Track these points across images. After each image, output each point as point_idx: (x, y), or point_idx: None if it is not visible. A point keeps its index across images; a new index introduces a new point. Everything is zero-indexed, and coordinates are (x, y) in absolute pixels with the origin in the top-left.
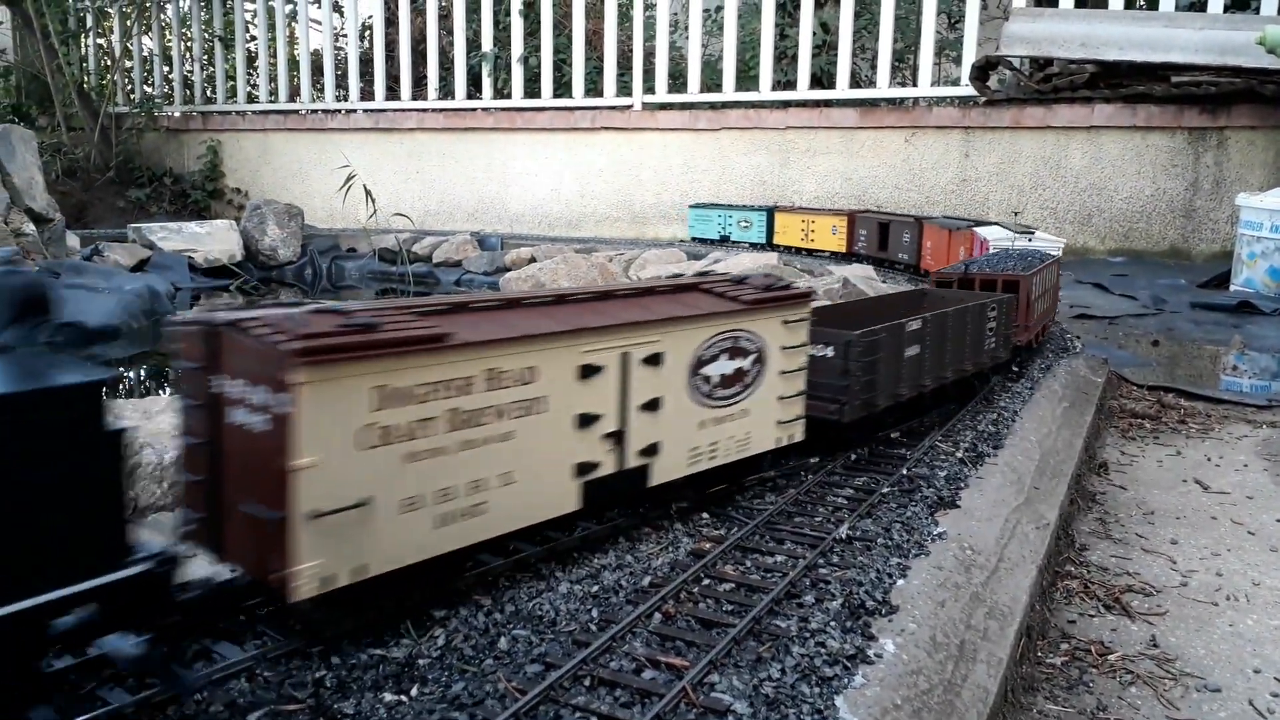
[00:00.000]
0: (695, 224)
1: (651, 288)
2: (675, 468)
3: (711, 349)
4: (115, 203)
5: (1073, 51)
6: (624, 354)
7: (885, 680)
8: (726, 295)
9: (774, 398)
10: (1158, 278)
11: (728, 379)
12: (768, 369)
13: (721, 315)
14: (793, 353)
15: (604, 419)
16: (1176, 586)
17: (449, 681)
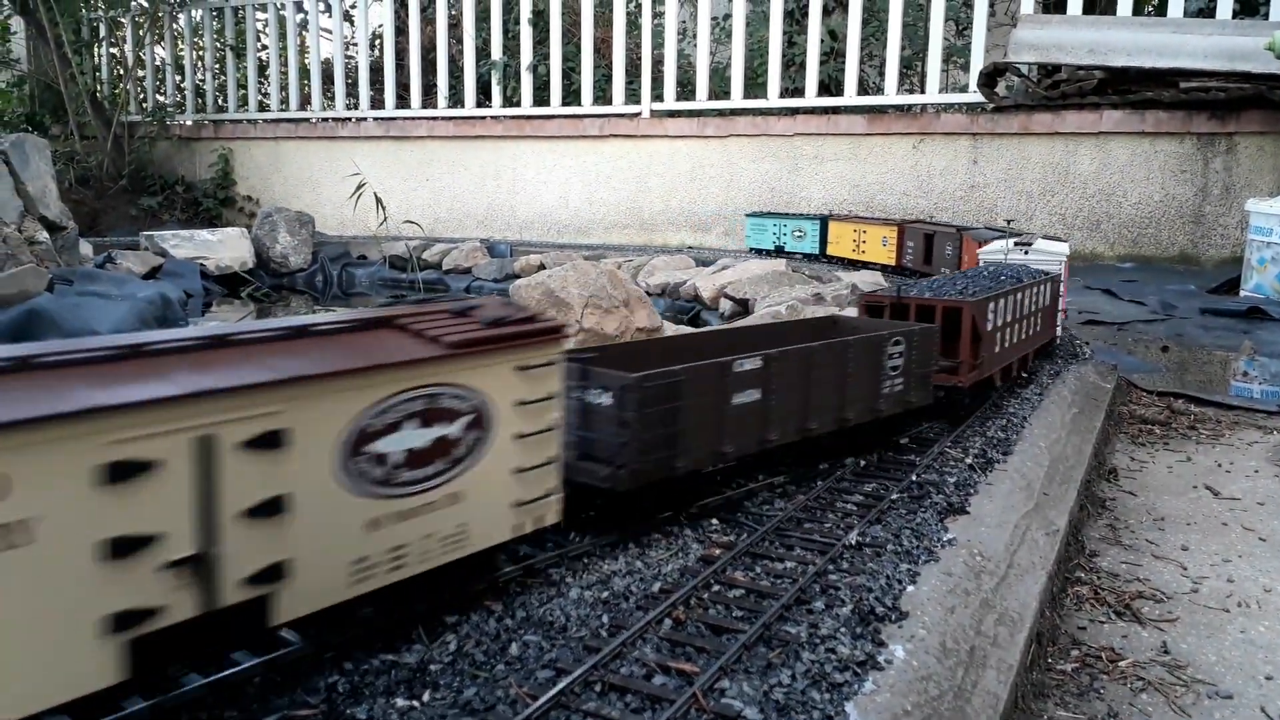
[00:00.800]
0: (752, 234)
1: (306, 328)
2: (322, 593)
3: (386, 415)
4: (128, 211)
5: (1081, 58)
6: (201, 439)
7: (895, 686)
8: (426, 335)
9: (507, 471)
10: (1167, 283)
11: (420, 455)
12: (493, 433)
13: (404, 366)
14: (536, 408)
15: (165, 540)
16: (1187, 593)
17: (461, 687)
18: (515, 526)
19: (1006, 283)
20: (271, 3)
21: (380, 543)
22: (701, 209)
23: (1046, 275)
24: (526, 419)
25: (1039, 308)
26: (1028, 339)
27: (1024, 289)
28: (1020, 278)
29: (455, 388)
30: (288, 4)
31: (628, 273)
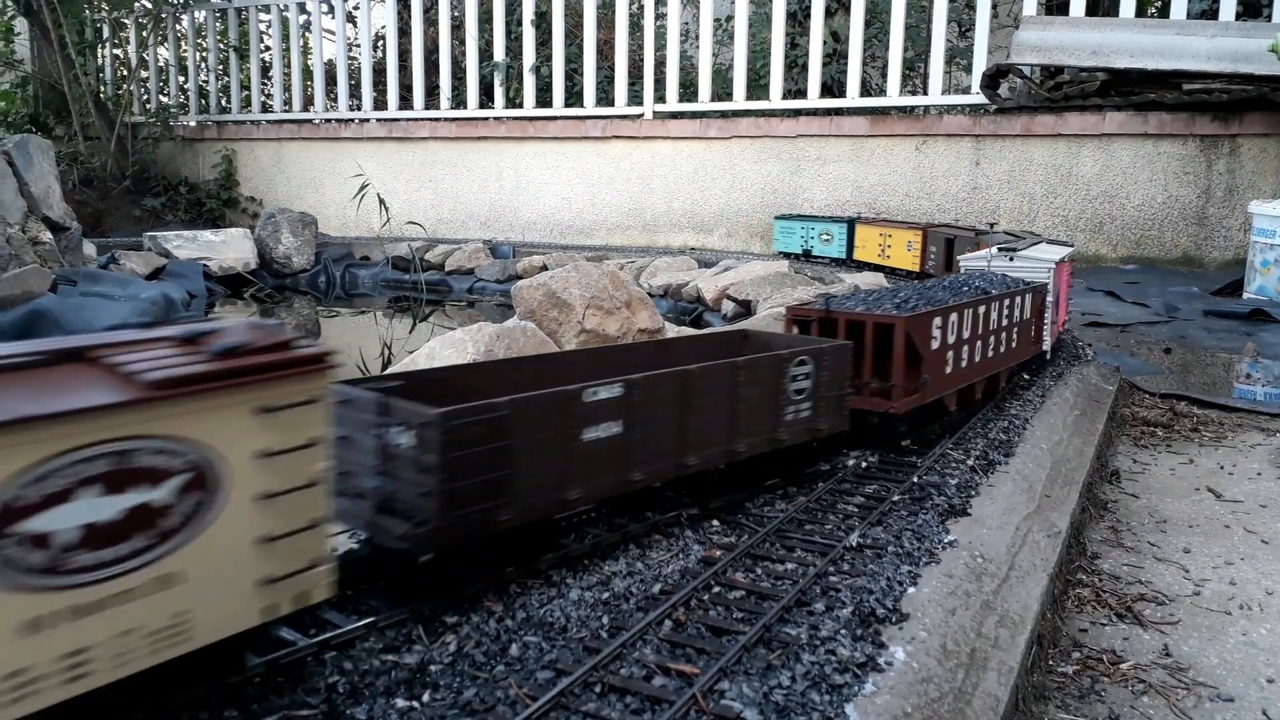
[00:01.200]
0: (780, 237)
1: None
2: None
3: (47, 482)
4: (131, 211)
5: (1084, 60)
6: None
7: (895, 688)
8: (124, 372)
9: (247, 542)
10: (1170, 285)
11: (106, 530)
12: (224, 495)
13: (74, 417)
14: (289, 460)
15: None
16: (1189, 595)
17: (460, 688)
18: (266, 609)
19: (967, 294)
20: (275, 4)
21: (46, 649)
22: (704, 210)
23: (1028, 285)
24: (275, 474)
25: (1014, 321)
26: (997, 357)
27: (989, 301)
28: (989, 288)
29: (161, 440)
30: (291, 5)
31: (630, 274)
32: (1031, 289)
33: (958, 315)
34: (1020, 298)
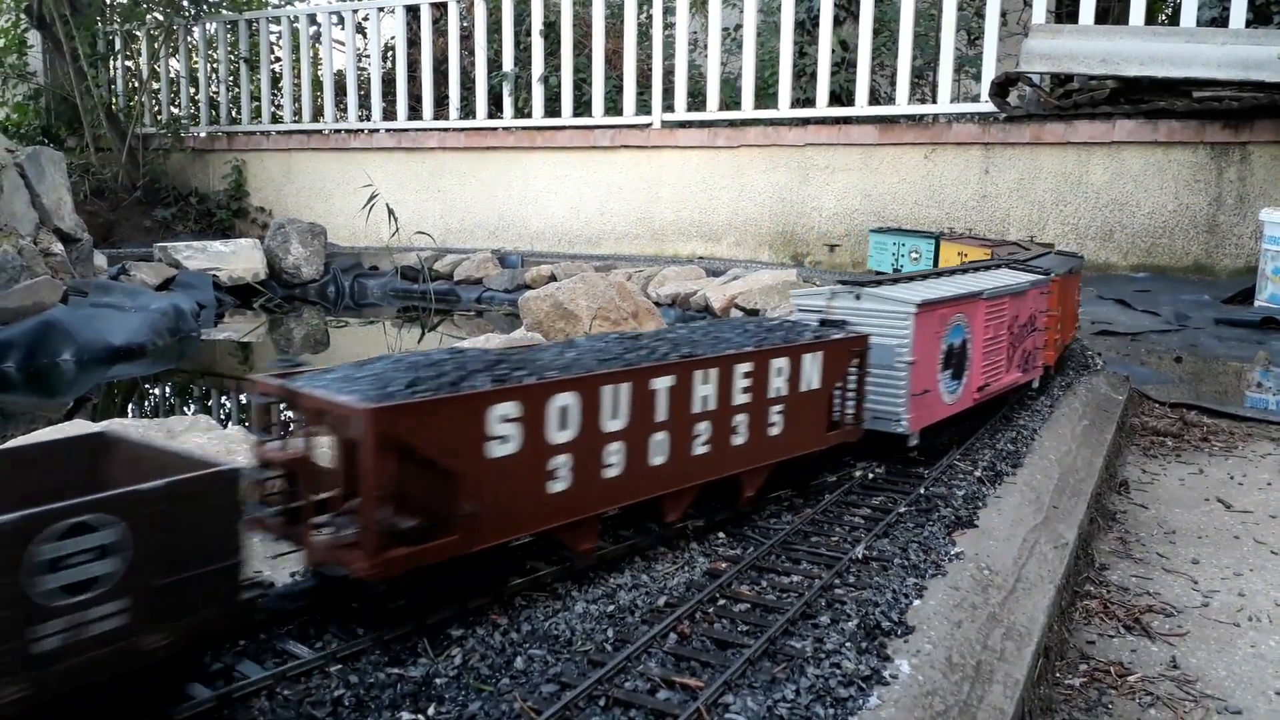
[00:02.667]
0: (874, 254)
1: None
2: None
3: None
4: (142, 222)
5: (1093, 67)
6: None
7: (900, 701)
8: None
9: None
10: (1180, 294)
11: None
12: None
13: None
14: None
15: None
16: (1198, 607)
17: (466, 701)
18: None
19: (657, 352)
20: (285, 15)
21: None
22: (712, 219)
23: (823, 338)
24: None
25: (769, 396)
26: (722, 453)
27: (676, 370)
28: (733, 341)
29: None
30: (301, 16)
31: (638, 283)
32: (819, 345)
33: (580, 392)
34: (787, 359)
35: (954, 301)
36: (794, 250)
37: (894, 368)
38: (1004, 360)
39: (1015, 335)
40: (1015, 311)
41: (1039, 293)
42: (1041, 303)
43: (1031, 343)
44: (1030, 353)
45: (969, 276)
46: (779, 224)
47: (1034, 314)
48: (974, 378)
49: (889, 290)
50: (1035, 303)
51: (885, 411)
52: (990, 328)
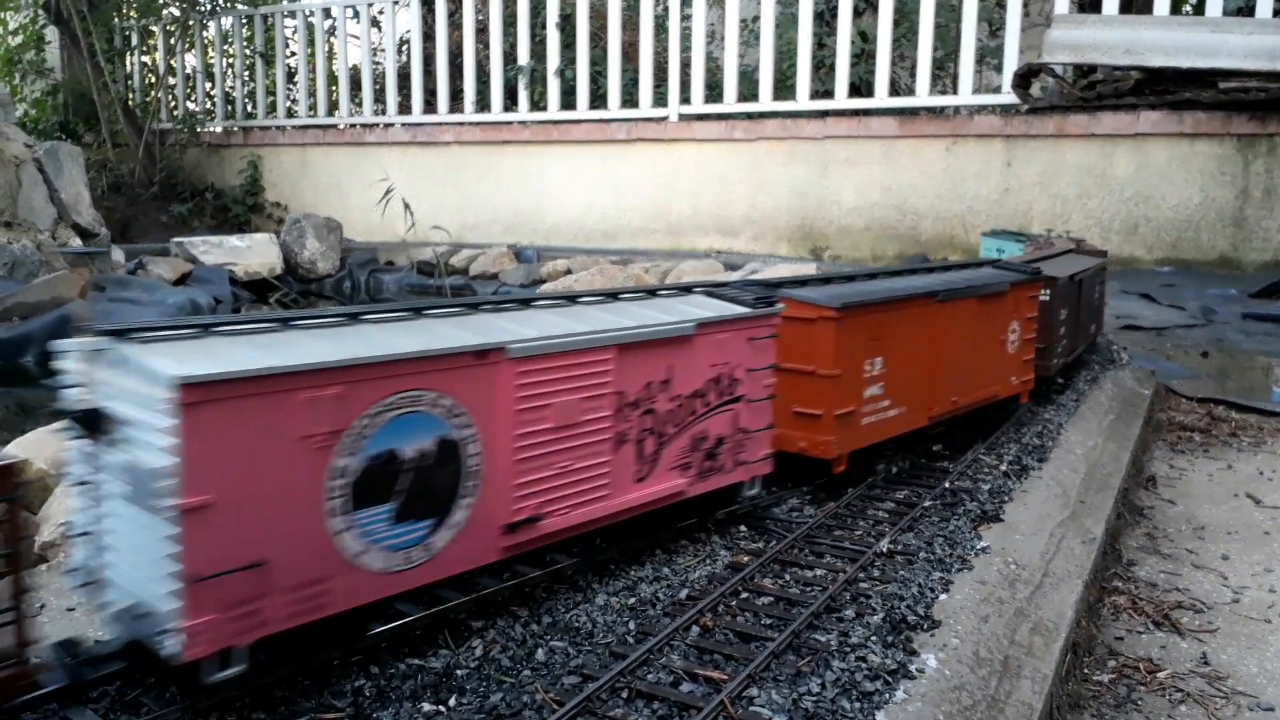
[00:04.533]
0: (985, 257)
1: None
2: None
3: None
4: (159, 217)
5: (1117, 58)
6: None
7: (928, 696)
8: None
9: None
10: (1207, 288)
11: None
12: None
13: None
14: None
15: None
16: (1228, 603)
17: (487, 692)
18: None
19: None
20: (300, 10)
21: None
22: (730, 213)
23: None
24: None
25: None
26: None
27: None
28: None
29: None
30: (316, 11)
31: (655, 278)
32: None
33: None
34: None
35: (357, 371)
36: (813, 244)
37: (153, 510)
38: (622, 461)
39: (675, 411)
40: (657, 373)
41: (742, 338)
42: (757, 351)
43: (738, 420)
44: (737, 438)
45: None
46: (797, 217)
47: (731, 370)
48: (491, 506)
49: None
50: (734, 353)
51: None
52: (547, 407)
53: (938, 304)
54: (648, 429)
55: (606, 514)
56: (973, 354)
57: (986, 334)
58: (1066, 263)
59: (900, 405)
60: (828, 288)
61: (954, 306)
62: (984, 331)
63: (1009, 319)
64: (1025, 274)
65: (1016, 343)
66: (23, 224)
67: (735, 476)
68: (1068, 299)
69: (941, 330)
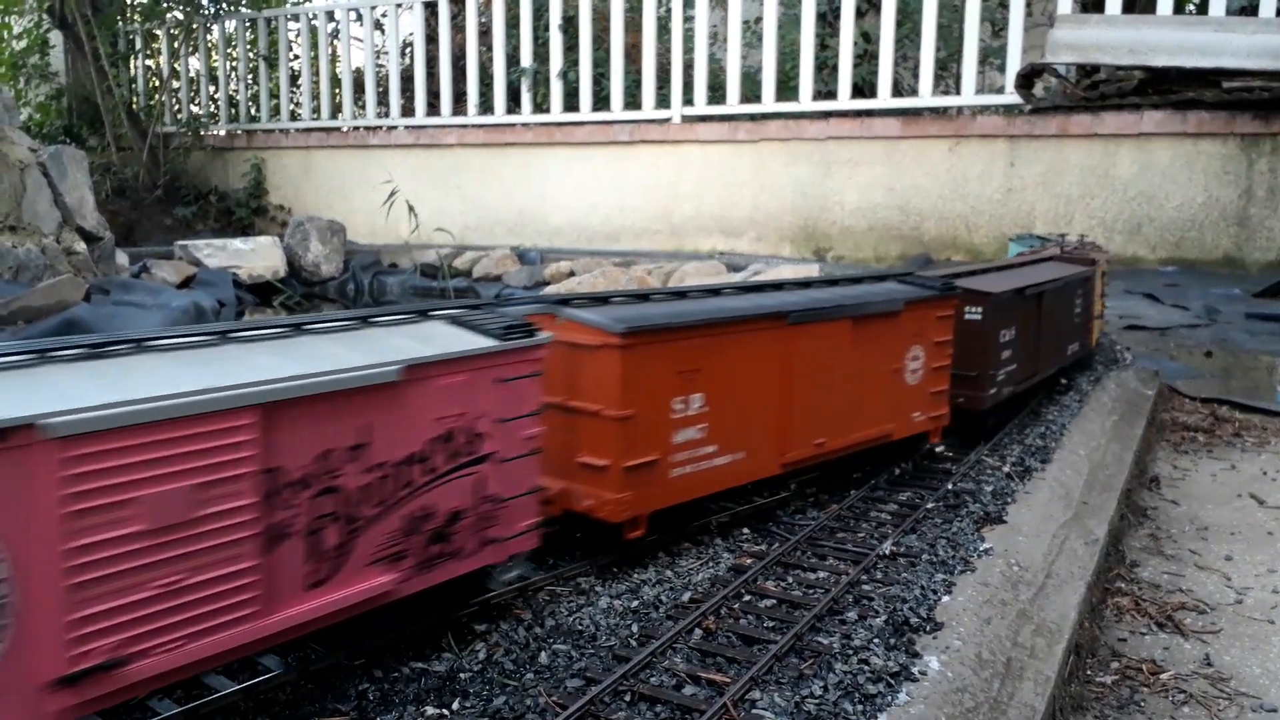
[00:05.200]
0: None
1: None
2: None
3: None
4: (163, 220)
5: (1120, 58)
6: None
7: (930, 698)
8: None
9: None
10: (1210, 287)
11: None
12: None
13: None
14: None
15: None
16: (1231, 604)
17: (490, 695)
18: None
19: None
20: (303, 12)
21: None
22: (733, 214)
23: None
24: None
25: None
26: None
27: None
28: None
29: None
30: (319, 13)
31: (658, 279)
32: None
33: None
34: None
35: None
36: (816, 245)
37: None
38: (282, 562)
39: (376, 486)
40: (341, 436)
41: (487, 379)
42: (512, 395)
43: (483, 486)
44: (483, 510)
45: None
46: (800, 218)
47: (471, 423)
48: (26, 654)
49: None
50: (474, 400)
51: None
52: (129, 505)
53: (790, 327)
54: (328, 514)
55: (256, 638)
56: (850, 386)
57: (871, 362)
58: (1027, 273)
59: (735, 450)
60: (625, 307)
61: (817, 330)
62: (867, 359)
63: (907, 343)
64: (930, 290)
65: (921, 372)
66: (27, 228)
67: (481, 559)
68: (1013, 317)
69: (799, 358)
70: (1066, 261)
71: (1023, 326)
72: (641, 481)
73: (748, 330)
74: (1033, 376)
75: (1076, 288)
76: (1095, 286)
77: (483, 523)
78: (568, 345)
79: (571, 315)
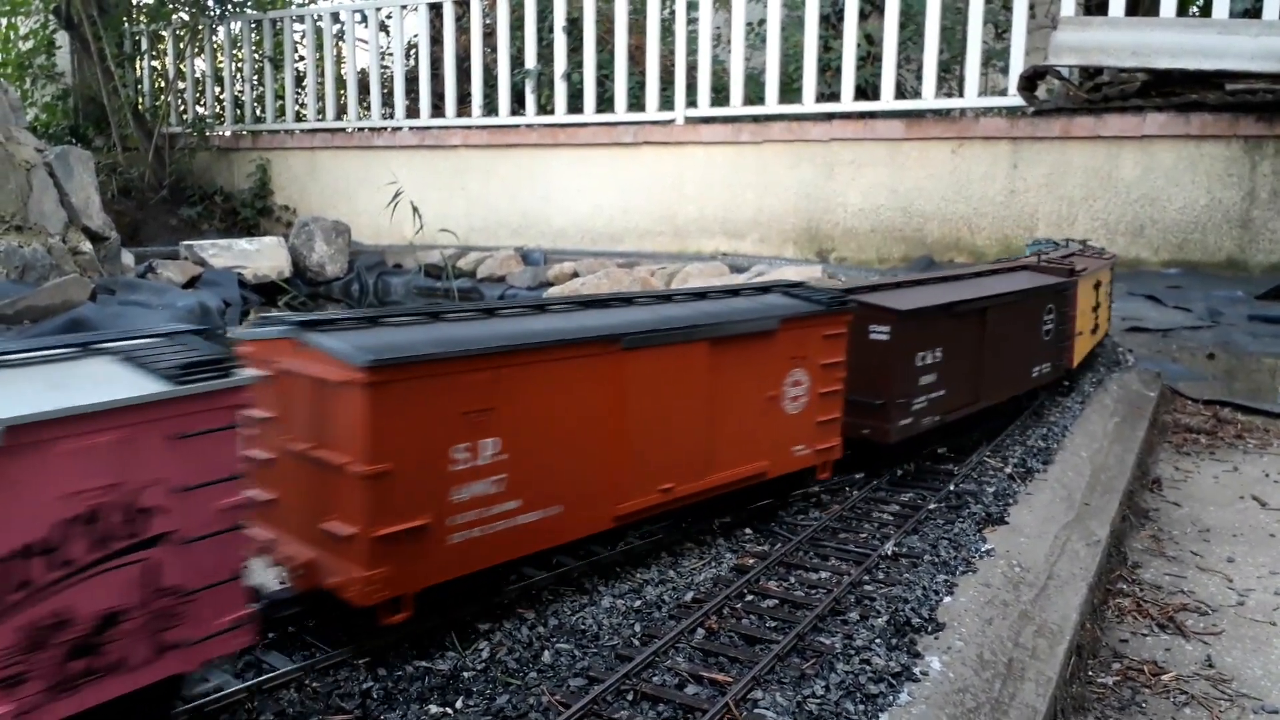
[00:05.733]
0: None
1: None
2: None
3: None
4: (168, 221)
5: (1123, 60)
6: None
7: (931, 698)
8: None
9: None
10: (1213, 289)
11: None
12: None
13: None
14: None
15: None
16: (1233, 605)
17: (493, 694)
18: None
19: None
20: (309, 14)
21: None
22: (736, 215)
23: None
24: None
25: None
26: None
27: None
28: None
29: None
30: (324, 15)
31: (661, 280)
32: None
33: None
34: None
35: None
36: (819, 246)
37: None
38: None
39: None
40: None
41: (155, 437)
42: (198, 455)
43: (156, 577)
44: (158, 608)
45: None
46: (803, 220)
47: (131, 496)
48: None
49: None
50: (136, 466)
51: None
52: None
53: (625, 352)
54: None
55: None
56: (707, 420)
57: (737, 390)
58: (970, 286)
59: (546, 505)
60: (385, 331)
61: (661, 355)
62: (731, 387)
63: (786, 367)
64: (816, 305)
65: (804, 399)
66: (33, 228)
67: (159, 670)
68: (937, 337)
69: (638, 389)
70: (1043, 271)
71: (955, 348)
72: (404, 553)
73: (565, 358)
74: (972, 405)
75: (1044, 301)
76: (1076, 299)
77: (159, 623)
78: (314, 380)
79: (315, 341)
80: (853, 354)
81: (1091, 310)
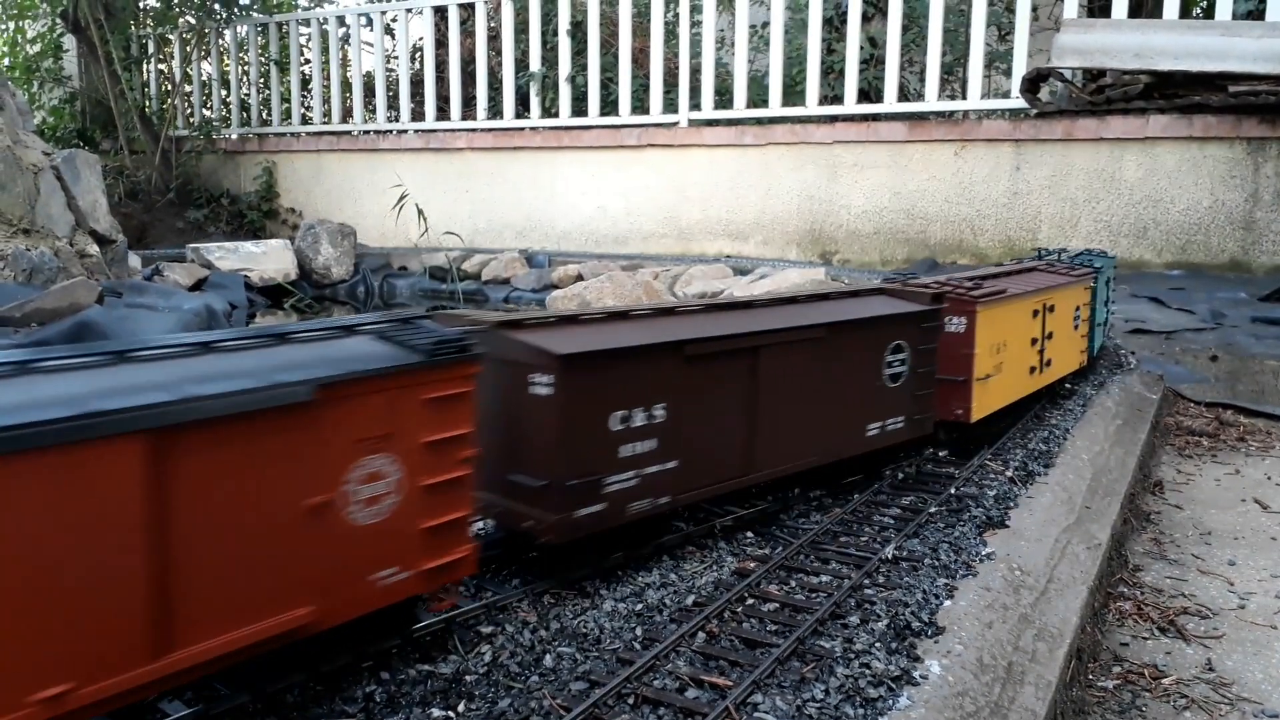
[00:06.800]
0: None
1: None
2: None
3: None
4: (175, 223)
5: (1126, 62)
6: None
7: (931, 702)
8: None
9: None
10: (1217, 291)
11: None
12: None
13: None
14: None
15: None
16: (1234, 609)
17: (495, 698)
18: None
19: None
20: (314, 17)
21: None
22: (740, 218)
23: None
24: None
25: None
26: None
27: None
28: None
29: None
30: (330, 18)
31: (665, 282)
32: None
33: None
34: None
35: None
36: (822, 249)
37: None
38: None
39: None
40: None
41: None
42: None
43: None
44: None
45: None
46: (807, 222)
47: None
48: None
49: None
50: None
51: None
52: None
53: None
54: None
55: None
56: (167, 570)
57: (234, 509)
58: (754, 317)
59: None
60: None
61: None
62: (222, 507)
63: (348, 458)
64: (417, 354)
65: (392, 500)
66: (41, 231)
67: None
68: (656, 388)
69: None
70: (897, 296)
71: (697, 402)
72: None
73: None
74: (741, 476)
75: (883, 337)
76: (944, 333)
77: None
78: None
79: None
80: (509, 415)
81: (1031, 344)
